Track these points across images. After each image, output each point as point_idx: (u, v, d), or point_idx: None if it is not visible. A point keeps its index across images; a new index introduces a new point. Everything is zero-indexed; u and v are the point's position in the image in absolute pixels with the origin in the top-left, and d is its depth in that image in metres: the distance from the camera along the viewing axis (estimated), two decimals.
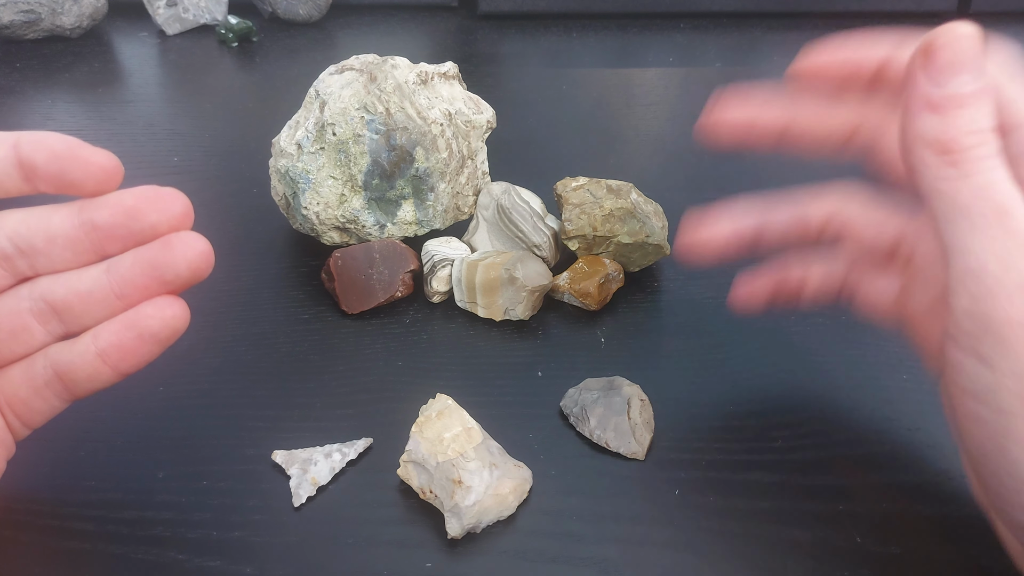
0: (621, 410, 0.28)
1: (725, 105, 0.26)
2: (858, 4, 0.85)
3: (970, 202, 0.18)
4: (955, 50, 0.19)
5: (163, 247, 0.21)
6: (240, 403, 0.29)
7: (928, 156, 0.19)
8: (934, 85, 0.19)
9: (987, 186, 0.18)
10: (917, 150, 0.19)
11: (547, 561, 0.23)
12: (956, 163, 0.19)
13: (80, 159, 0.21)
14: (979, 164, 0.19)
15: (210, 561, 0.23)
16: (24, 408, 0.23)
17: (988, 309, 0.18)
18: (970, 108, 0.19)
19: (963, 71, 0.19)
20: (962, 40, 0.19)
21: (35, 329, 0.22)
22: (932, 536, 0.24)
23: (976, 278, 0.18)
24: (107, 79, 0.63)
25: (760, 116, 0.26)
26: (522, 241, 0.36)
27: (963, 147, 0.19)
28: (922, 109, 0.19)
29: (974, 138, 0.19)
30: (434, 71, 0.37)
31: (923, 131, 0.19)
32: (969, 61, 0.19)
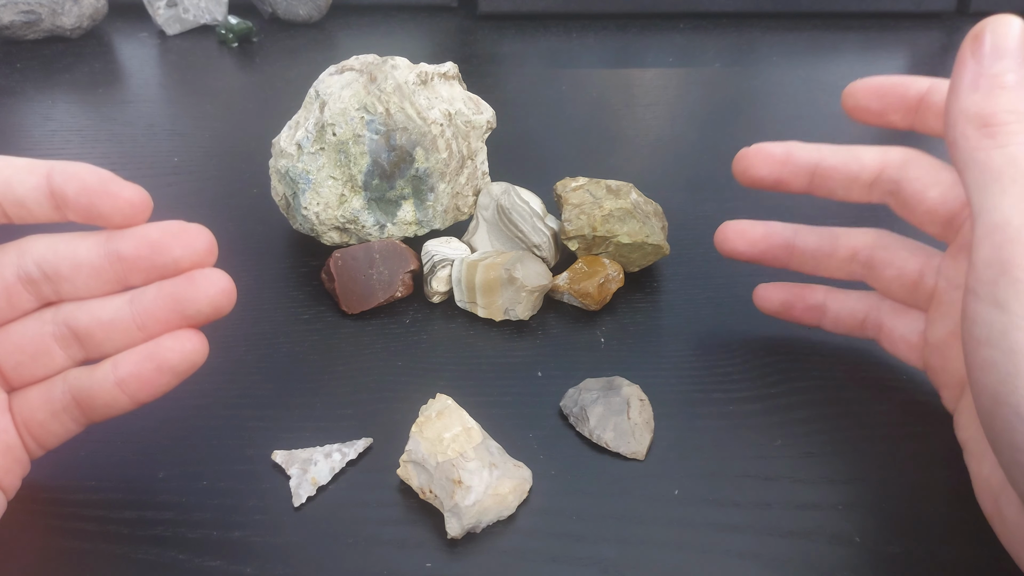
0: (621, 410, 0.28)
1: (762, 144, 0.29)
2: (858, 4, 0.85)
3: (1002, 168, 0.20)
4: (1002, 37, 0.21)
5: (187, 282, 0.22)
6: (240, 403, 0.29)
7: (969, 129, 0.21)
8: (981, 67, 0.21)
9: (1019, 155, 0.20)
10: (960, 124, 0.22)
11: (547, 561, 0.23)
12: (993, 135, 0.21)
13: (110, 193, 0.21)
14: (1014, 137, 0.21)
15: (210, 561, 0.23)
16: (40, 430, 0.23)
17: (1008, 255, 0.19)
18: (1010, 91, 0.21)
19: (1007, 56, 0.21)
20: (1009, 29, 0.21)
21: (56, 353, 0.23)
22: (932, 536, 0.24)
23: (1000, 230, 0.20)
24: (107, 79, 0.63)
25: (794, 152, 0.28)
26: (522, 241, 0.36)
27: (1001, 122, 0.21)
28: (968, 87, 0.22)
29: (1012, 116, 0.21)
30: (434, 71, 0.37)
31: (966, 106, 0.22)
32: (1013, 49, 0.21)
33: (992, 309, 0.19)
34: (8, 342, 0.23)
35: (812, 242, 0.30)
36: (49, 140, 0.52)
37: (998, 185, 0.20)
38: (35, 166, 0.21)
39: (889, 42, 0.78)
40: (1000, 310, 0.19)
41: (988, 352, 0.19)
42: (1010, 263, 0.19)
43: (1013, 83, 0.21)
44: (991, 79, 0.21)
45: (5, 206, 0.21)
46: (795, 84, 0.65)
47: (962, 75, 0.22)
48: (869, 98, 0.27)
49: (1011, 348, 0.19)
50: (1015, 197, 0.20)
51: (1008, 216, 0.20)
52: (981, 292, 0.20)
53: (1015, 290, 0.19)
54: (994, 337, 0.19)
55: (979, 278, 0.20)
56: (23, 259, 0.22)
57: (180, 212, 0.42)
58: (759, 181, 0.29)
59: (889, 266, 0.28)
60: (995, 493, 0.23)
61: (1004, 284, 0.19)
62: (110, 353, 0.23)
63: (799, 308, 0.31)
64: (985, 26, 0.22)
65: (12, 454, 0.23)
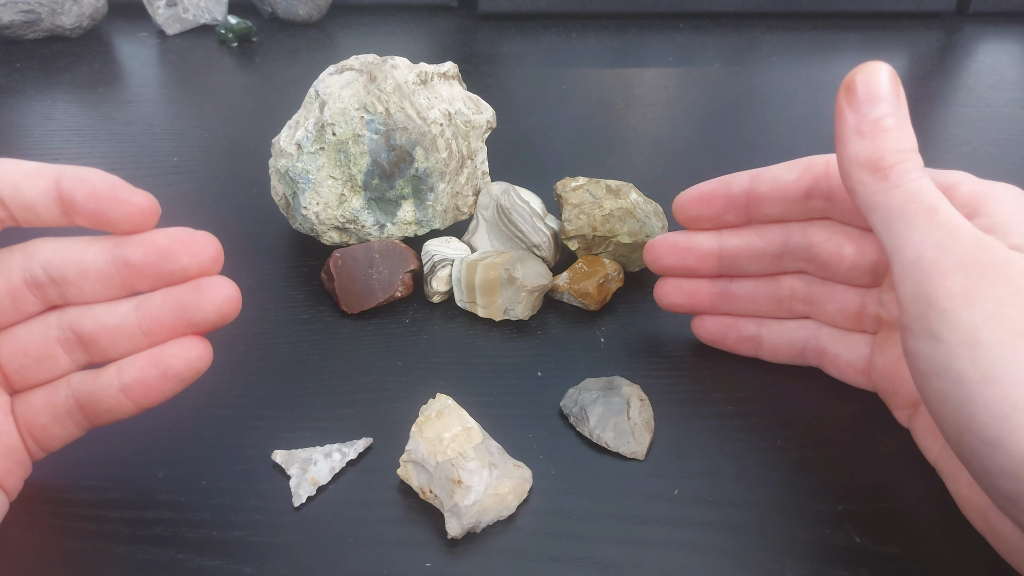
0: (620, 410, 0.28)
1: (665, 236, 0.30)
2: (858, 4, 0.85)
3: (903, 206, 0.21)
4: (872, 83, 0.22)
5: (193, 290, 0.22)
6: (240, 403, 0.29)
7: (863, 175, 0.22)
8: (859, 115, 0.22)
9: (915, 191, 0.21)
10: (853, 172, 0.22)
11: (547, 561, 0.23)
12: (887, 177, 0.22)
13: (119, 200, 0.21)
14: (907, 176, 0.21)
15: (210, 561, 0.23)
16: (43, 433, 0.23)
17: (930, 289, 0.20)
18: (892, 132, 0.22)
19: (881, 100, 0.22)
20: (876, 74, 0.22)
21: (60, 357, 0.23)
22: (932, 536, 0.24)
23: (916, 266, 0.20)
24: (107, 79, 0.63)
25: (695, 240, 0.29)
26: (522, 241, 0.36)
27: (891, 163, 0.22)
28: (852, 136, 0.22)
29: (900, 155, 0.22)
30: (434, 71, 0.37)
31: (856, 154, 0.22)
32: (885, 92, 0.22)
33: (929, 342, 0.19)
34: (12, 345, 0.23)
35: (749, 288, 0.30)
36: (49, 140, 0.52)
37: (903, 223, 0.21)
38: (44, 170, 0.21)
39: (889, 42, 0.78)
40: (937, 342, 0.19)
41: (938, 383, 0.19)
42: (933, 296, 0.19)
43: (894, 125, 0.22)
44: (872, 124, 0.22)
45: (13, 210, 0.21)
46: (795, 84, 0.65)
47: (845, 126, 0.22)
48: (699, 208, 0.29)
49: (957, 376, 0.19)
50: (922, 231, 0.20)
51: (920, 251, 0.20)
52: (915, 328, 0.20)
53: (945, 321, 0.19)
54: (939, 368, 0.19)
55: (910, 315, 0.20)
56: (30, 262, 0.22)
57: (180, 212, 0.42)
58: (667, 270, 0.30)
59: (830, 301, 0.28)
60: (983, 510, 0.23)
61: (933, 317, 0.19)
62: (115, 358, 0.23)
63: (732, 339, 0.31)
64: (855, 76, 0.22)
65: (14, 456, 0.23)
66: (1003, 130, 0.56)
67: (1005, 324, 0.18)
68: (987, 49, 0.76)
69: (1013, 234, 0.20)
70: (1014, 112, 0.59)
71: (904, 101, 0.22)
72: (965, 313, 0.19)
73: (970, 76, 0.68)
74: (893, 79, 0.22)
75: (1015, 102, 0.62)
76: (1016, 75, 0.68)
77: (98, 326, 0.23)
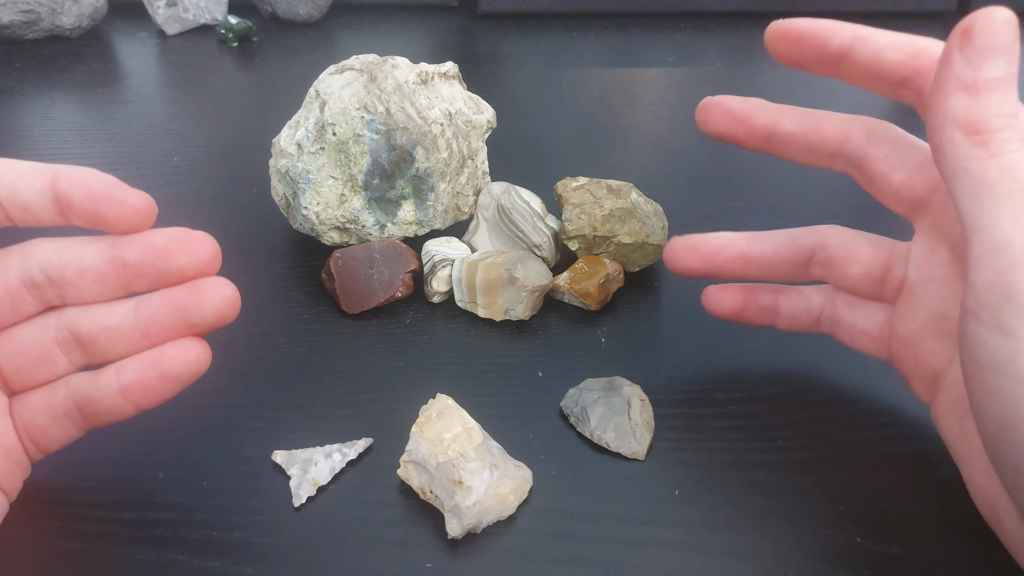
0: (621, 410, 0.28)
1: (724, 99, 0.27)
2: (858, 4, 0.85)
3: (996, 180, 0.19)
4: (993, 33, 0.19)
5: (192, 291, 0.22)
6: (240, 403, 0.29)
7: (957, 136, 0.20)
8: (970, 66, 0.19)
9: (1013, 166, 0.19)
10: (947, 129, 0.20)
11: (547, 561, 0.23)
12: (985, 143, 0.19)
13: (116, 200, 0.21)
14: (1006, 145, 0.19)
15: (210, 561, 0.23)
16: (41, 435, 0.23)
17: (1012, 280, 0.18)
18: (1001, 92, 0.19)
19: (998, 55, 0.19)
20: (1000, 24, 0.19)
21: (58, 358, 0.23)
22: (932, 536, 0.24)
23: (1001, 251, 0.18)
24: (107, 79, 0.63)
25: (754, 113, 0.27)
26: (522, 241, 0.36)
27: (992, 128, 0.19)
28: (956, 89, 0.20)
29: (1003, 121, 0.19)
30: (434, 71, 0.37)
31: (955, 111, 0.20)
32: (1005, 46, 0.19)
33: (997, 335, 0.18)
34: (10, 346, 0.22)
35: (768, 250, 0.29)
36: (49, 140, 0.52)
37: (993, 199, 0.19)
38: (40, 170, 0.21)
39: None
40: (1006, 336, 0.18)
41: (994, 379, 0.18)
42: (1014, 289, 0.18)
43: (1003, 79, 0.19)
44: (982, 81, 0.19)
45: (9, 210, 0.21)
46: (796, 84, 0.65)
47: (948, 74, 0.20)
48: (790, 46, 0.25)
49: (1019, 376, 0.18)
50: (1013, 212, 0.18)
51: (1008, 235, 0.18)
52: (984, 317, 0.19)
53: (1022, 317, 0.18)
54: (1001, 364, 0.18)
55: (981, 302, 0.19)
56: (27, 263, 0.22)
57: (180, 212, 0.42)
58: (717, 134, 0.28)
59: (853, 263, 0.27)
60: (992, 501, 0.22)
61: (1010, 311, 0.18)
62: (113, 359, 0.23)
63: (751, 310, 0.30)
64: (975, 20, 0.19)
65: (13, 457, 0.23)
66: None
67: None
68: None
69: None
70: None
71: (1018, 61, 0.20)
72: None
73: None
74: (1015, 32, 0.19)
75: None
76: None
77: (96, 327, 0.22)
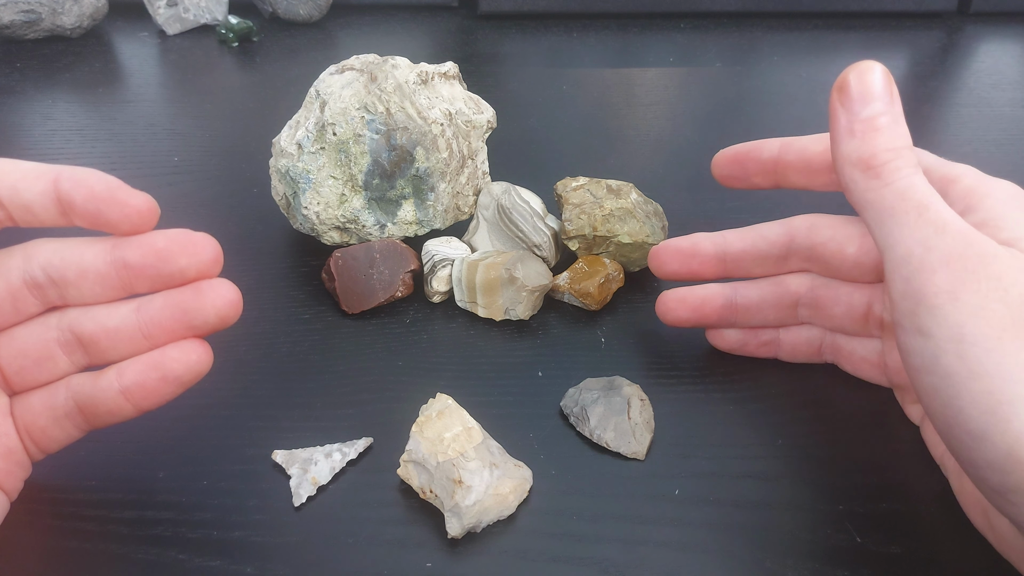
0: (621, 410, 0.28)
1: (668, 241, 0.31)
2: (858, 4, 0.85)
3: (894, 204, 0.21)
4: (864, 82, 0.22)
5: (194, 293, 0.22)
6: (240, 403, 0.29)
7: (855, 174, 0.22)
8: (852, 114, 0.22)
9: (907, 189, 0.21)
10: (846, 170, 0.22)
11: (547, 561, 0.23)
12: (879, 175, 0.22)
13: (118, 201, 0.21)
14: (898, 173, 0.21)
15: (211, 561, 0.23)
16: (42, 435, 0.23)
17: (919, 285, 0.20)
18: (885, 131, 0.22)
19: (874, 99, 0.22)
20: (869, 74, 0.22)
21: (60, 358, 0.23)
22: (932, 536, 0.24)
23: (905, 262, 0.20)
24: (107, 79, 0.63)
25: (699, 244, 0.30)
26: (522, 241, 0.36)
27: (882, 162, 0.22)
28: (844, 136, 0.22)
29: (891, 154, 0.22)
30: (434, 71, 0.37)
31: (847, 153, 0.22)
32: (878, 91, 0.22)
33: (919, 338, 0.20)
34: (11, 346, 0.23)
35: (754, 297, 0.30)
36: (49, 139, 0.52)
37: (893, 220, 0.21)
38: (42, 171, 0.21)
39: (890, 42, 0.77)
40: (926, 338, 0.19)
41: (928, 379, 0.20)
42: (921, 292, 0.20)
43: (886, 124, 0.22)
44: (864, 123, 0.22)
45: (11, 210, 0.21)
46: (796, 84, 0.65)
47: (837, 125, 0.23)
48: (731, 167, 0.29)
49: (945, 372, 0.19)
50: (911, 228, 0.20)
51: (910, 248, 0.20)
52: (906, 324, 0.20)
53: (932, 317, 0.19)
54: (928, 364, 0.19)
55: (900, 311, 0.20)
56: (29, 263, 0.22)
57: (180, 212, 0.42)
58: (673, 275, 0.31)
59: (836, 303, 0.28)
60: (983, 507, 0.23)
61: (922, 313, 0.20)
62: (114, 360, 0.23)
63: (753, 345, 0.31)
64: (848, 75, 0.22)
65: (13, 457, 0.23)
66: (1004, 130, 0.56)
67: (990, 319, 0.18)
68: (988, 49, 0.75)
69: (1004, 229, 0.21)
70: (1015, 112, 0.59)
71: (898, 99, 0.22)
72: (951, 309, 0.19)
73: (971, 76, 0.68)
74: (886, 78, 0.22)
75: (1016, 102, 0.62)
76: (1017, 75, 0.68)
77: (98, 328, 0.22)
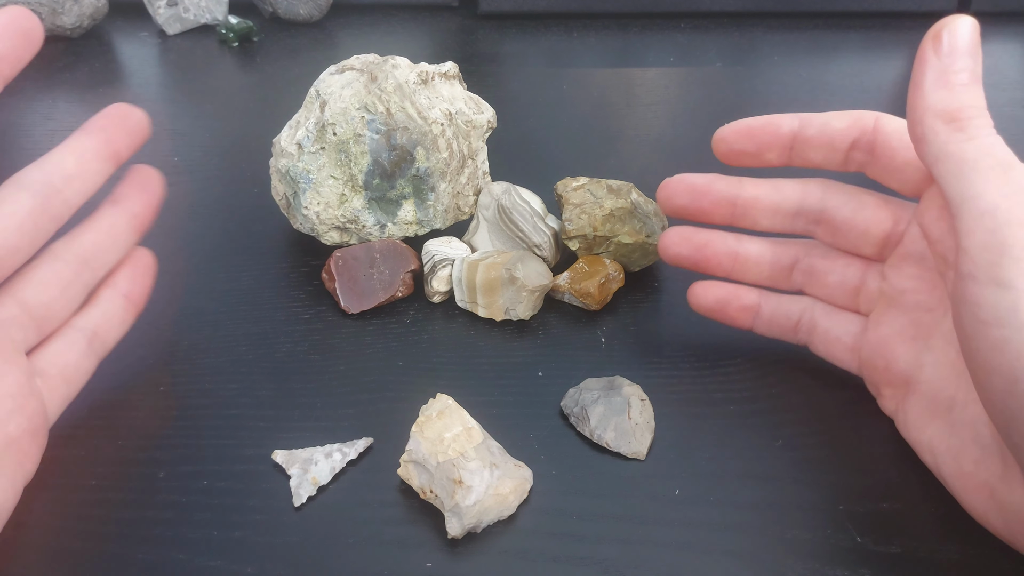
0: (621, 410, 0.28)
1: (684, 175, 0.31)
2: (858, 4, 0.85)
3: (978, 158, 0.21)
4: (959, 36, 0.23)
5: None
6: (240, 403, 0.29)
7: (938, 124, 0.22)
8: (943, 65, 0.23)
9: (991, 146, 0.22)
10: (927, 120, 0.23)
11: (547, 561, 0.23)
12: (963, 128, 0.22)
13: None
14: (981, 131, 0.22)
15: (211, 561, 0.23)
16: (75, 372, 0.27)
17: (1004, 237, 0.20)
18: (971, 86, 0.22)
19: (967, 55, 0.23)
20: (965, 28, 0.23)
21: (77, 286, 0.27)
22: (932, 536, 0.24)
23: (991, 215, 0.20)
24: (108, 79, 0.63)
25: (714, 184, 0.30)
26: (522, 241, 0.36)
27: (969, 116, 0.22)
28: (933, 85, 0.23)
29: (975, 111, 0.22)
30: (435, 71, 0.37)
31: (934, 103, 0.23)
32: (971, 46, 0.23)
33: (996, 290, 0.20)
34: (38, 288, 0.26)
35: (754, 250, 0.30)
36: (50, 139, 0.52)
37: (977, 174, 0.21)
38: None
39: (890, 42, 0.77)
40: (1005, 289, 0.19)
41: (998, 332, 0.19)
42: (1008, 244, 0.20)
43: (969, 80, 0.22)
44: (956, 75, 0.22)
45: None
46: (796, 84, 0.65)
47: (926, 73, 0.23)
48: (742, 141, 0.28)
49: (1022, 323, 0.19)
50: (997, 183, 0.21)
51: (995, 201, 0.20)
52: (981, 276, 0.20)
53: (1019, 268, 0.19)
54: (1003, 316, 0.19)
55: (977, 263, 0.20)
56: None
57: (180, 212, 0.42)
58: (680, 210, 0.30)
59: (831, 272, 0.29)
60: (990, 487, 0.22)
61: (1007, 264, 0.19)
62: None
63: (733, 307, 0.31)
64: (943, 26, 0.23)
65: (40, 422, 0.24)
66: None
67: None
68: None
69: None
70: (1015, 112, 0.59)
71: (981, 61, 0.23)
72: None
73: None
74: (977, 36, 0.23)
75: (1016, 102, 0.62)
76: (1017, 74, 0.68)
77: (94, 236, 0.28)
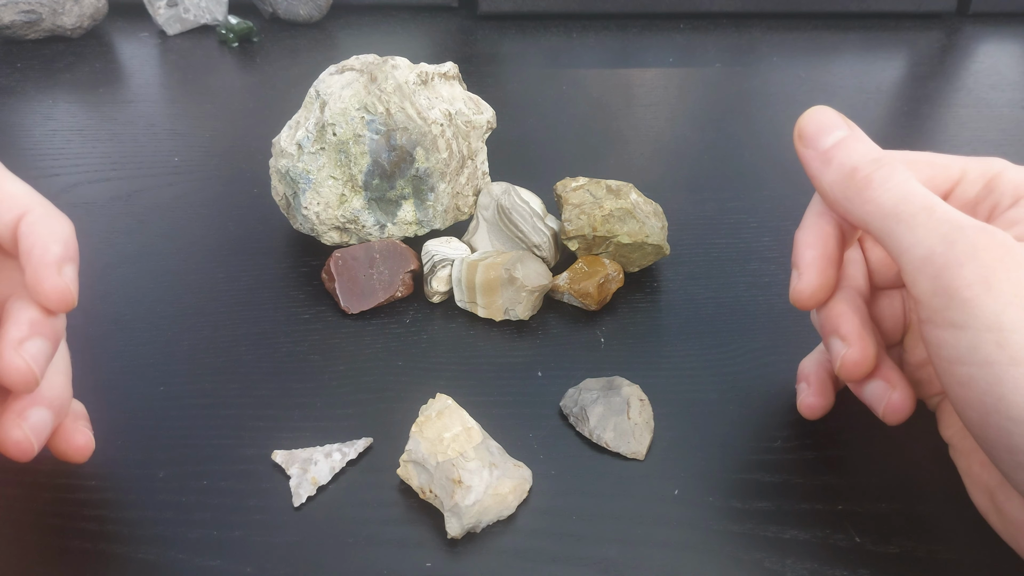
0: (621, 410, 0.28)
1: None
2: (858, 4, 0.85)
3: (898, 208, 0.21)
4: (817, 119, 0.23)
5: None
6: (240, 403, 0.29)
7: (847, 192, 0.22)
8: (817, 148, 0.23)
9: (907, 193, 0.21)
10: (836, 196, 0.23)
11: (547, 561, 0.23)
12: (869, 183, 0.22)
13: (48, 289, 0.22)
14: (891, 178, 0.22)
15: (210, 561, 0.23)
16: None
17: (948, 281, 0.20)
18: (856, 146, 0.23)
19: (833, 128, 0.23)
20: (819, 112, 0.24)
21: None
22: (931, 536, 0.24)
23: (929, 261, 0.20)
24: (108, 79, 0.63)
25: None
26: (522, 241, 0.36)
27: (867, 172, 0.22)
28: (821, 169, 0.23)
29: (874, 164, 0.22)
30: (434, 71, 0.37)
31: (831, 180, 0.23)
32: (834, 121, 0.23)
33: (954, 331, 0.20)
34: None
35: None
36: (50, 140, 0.52)
37: (903, 224, 0.21)
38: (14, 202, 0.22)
39: (889, 42, 0.78)
40: (960, 330, 0.20)
41: (962, 369, 0.20)
42: (954, 287, 0.20)
43: (854, 142, 0.23)
44: (833, 148, 0.23)
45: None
46: (795, 84, 0.65)
47: (811, 163, 0.23)
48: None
49: (984, 361, 0.19)
50: (925, 229, 0.21)
51: (929, 247, 0.20)
52: (937, 320, 0.20)
53: (967, 308, 0.19)
54: (964, 355, 0.19)
55: (930, 308, 0.20)
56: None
57: (180, 212, 0.42)
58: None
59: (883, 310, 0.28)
60: (990, 489, 0.23)
61: (956, 307, 0.20)
62: None
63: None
64: (800, 121, 0.24)
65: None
66: (1003, 130, 0.56)
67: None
68: (987, 49, 0.76)
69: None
70: (1014, 112, 0.59)
71: (855, 125, 0.23)
72: (987, 299, 0.19)
73: (970, 76, 0.68)
74: (835, 112, 0.23)
75: (1015, 102, 0.62)
76: (1016, 75, 0.68)
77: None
